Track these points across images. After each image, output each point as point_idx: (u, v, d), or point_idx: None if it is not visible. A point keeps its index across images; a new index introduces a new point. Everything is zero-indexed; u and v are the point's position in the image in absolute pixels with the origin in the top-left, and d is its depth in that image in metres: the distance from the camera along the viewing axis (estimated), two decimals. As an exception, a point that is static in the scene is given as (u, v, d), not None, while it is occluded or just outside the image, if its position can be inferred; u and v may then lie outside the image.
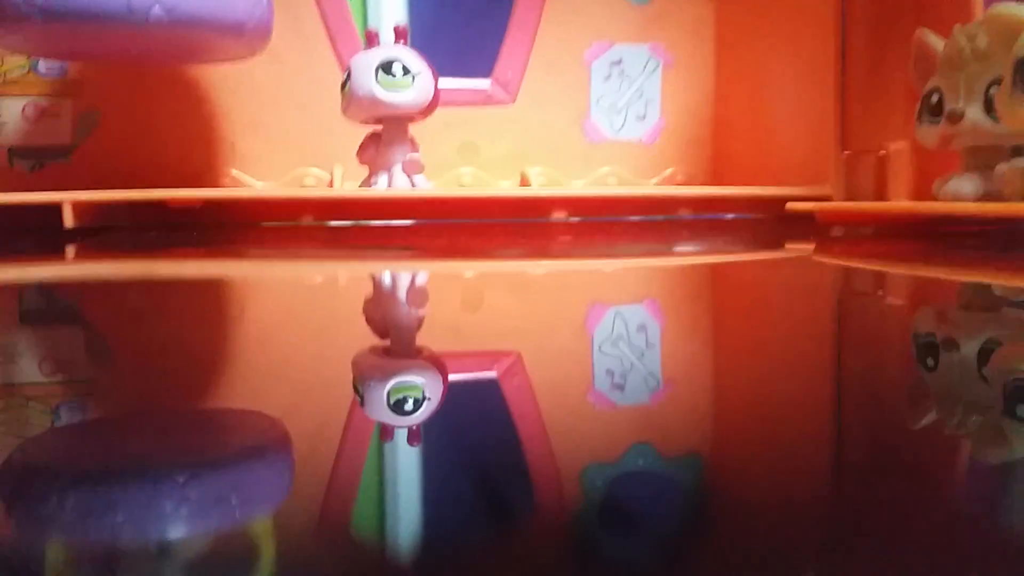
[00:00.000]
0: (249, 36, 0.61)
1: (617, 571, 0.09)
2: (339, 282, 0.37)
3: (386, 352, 0.21)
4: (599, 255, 0.49)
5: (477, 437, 0.14)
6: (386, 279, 0.37)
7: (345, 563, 0.09)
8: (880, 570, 0.09)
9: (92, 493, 0.11)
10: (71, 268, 0.38)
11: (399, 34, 0.66)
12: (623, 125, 0.85)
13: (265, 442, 0.13)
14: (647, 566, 0.09)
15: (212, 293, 0.32)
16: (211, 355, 0.21)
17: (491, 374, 0.18)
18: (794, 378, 0.18)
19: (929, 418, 0.15)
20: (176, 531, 0.10)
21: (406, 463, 0.12)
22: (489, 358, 0.20)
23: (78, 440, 0.14)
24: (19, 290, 0.32)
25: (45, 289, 0.33)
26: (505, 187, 0.81)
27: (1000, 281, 0.35)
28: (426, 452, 0.13)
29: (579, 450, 0.13)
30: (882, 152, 0.70)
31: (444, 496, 0.11)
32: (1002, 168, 0.51)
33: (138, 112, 0.75)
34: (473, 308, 0.29)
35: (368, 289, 0.35)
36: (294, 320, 0.26)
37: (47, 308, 0.29)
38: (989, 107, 0.52)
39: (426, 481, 0.12)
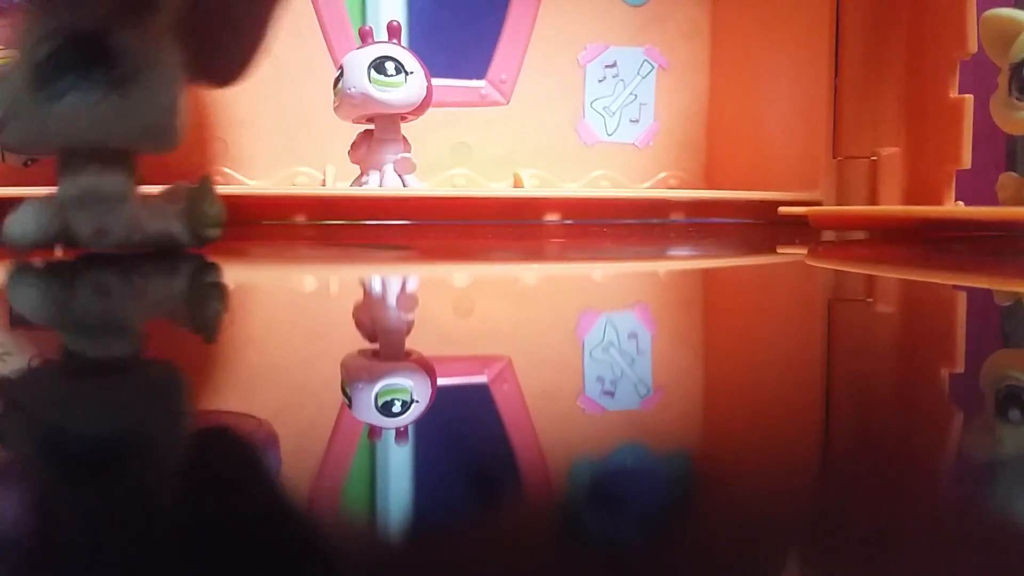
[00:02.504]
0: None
1: (603, 567, 0.09)
2: (328, 283, 0.37)
3: (375, 355, 0.20)
4: (591, 258, 0.49)
5: (463, 436, 0.14)
6: (376, 282, 0.37)
7: (332, 556, 0.09)
8: (865, 567, 0.09)
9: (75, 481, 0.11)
10: (55, 263, 0.38)
11: (393, 32, 0.66)
12: (617, 128, 0.85)
13: (253, 440, 0.13)
14: (634, 561, 0.09)
15: (199, 292, 0.32)
16: (196, 356, 0.20)
17: (480, 378, 0.18)
18: (788, 382, 0.18)
19: (921, 424, 0.14)
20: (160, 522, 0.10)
21: (393, 462, 0.12)
22: (478, 362, 0.20)
23: (59, 432, 0.13)
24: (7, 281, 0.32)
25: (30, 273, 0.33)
26: (498, 188, 0.80)
27: (995, 286, 0.35)
28: (413, 452, 0.13)
29: (568, 449, 0.13)
30: (874, 157, 0.70)
31: (429, 492, 0.11)
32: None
33: (130, 108, 0.74)
34: (463, 311, 0.29)
35: (358, 291, 0.35)
36: (281, 321, 0.26)
37: (31, 298, 0.29)
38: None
39: (413, 478, 0.12)
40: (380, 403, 0.15)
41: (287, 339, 0.23)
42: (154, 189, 0.42)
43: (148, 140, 0.36)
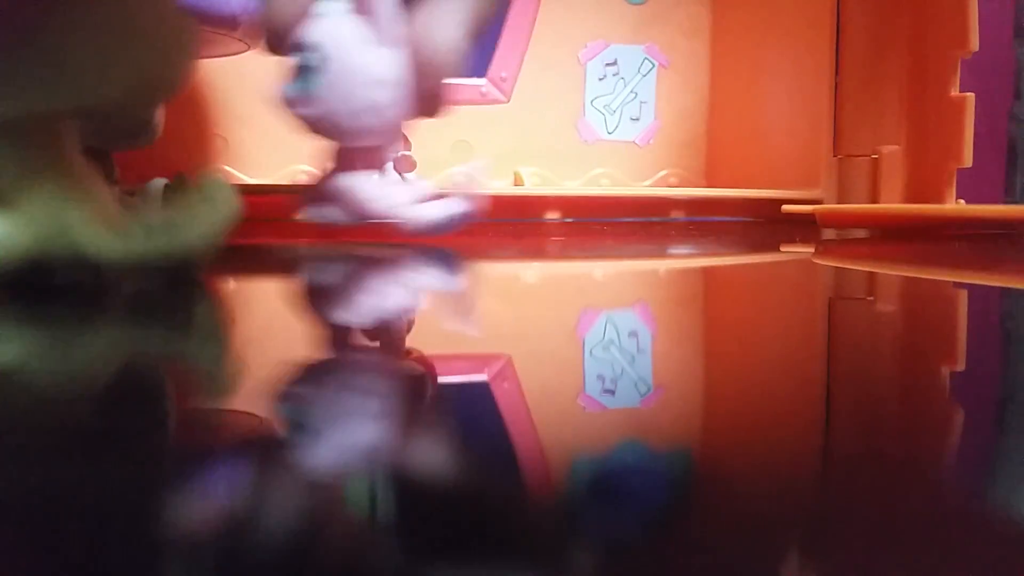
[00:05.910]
0: (243, 30, 0.61)
1: (603, 565, 0.09)
2: (328, 281, 0.37)
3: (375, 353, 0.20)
4: (592, 256, 0.49)
5: (463, 434, 0.14)
6: (375, 280, 0.37)
7: (332, 551, 0.09)
8: (866, 564, 0.09)
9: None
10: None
11: (393, 31, 0.66)
12: (617, 126, 0.85)
13: (254, 438, 0.13)
14: (634, 560, 0.09)
15: (197, 289, 0.32)
16: (196, 354, 0.20)
17: (480, 376, 0.18)
18: (795, 382, 0.18)
19: (922, 422, 0.14)
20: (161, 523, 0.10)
21: (394, 461, 0.12)
22: (478, 360, 0.20)
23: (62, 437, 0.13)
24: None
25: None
26: (498, 186, 0.80)
27: (1007, 284, 0.35)
28: (413, 451, 0.13)
29: (568, 447, 0.13)
30: (875, 155, 0.70)
31: (429, 490, 0.11)
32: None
33: (130, 106, 0.74)
34: (464, 310, 0.29)
35: (357, 290, 0.35)
36: (282, 320, 0.26)
37: (33, 295, 0.29)
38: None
39: (413, 476, 0.12)
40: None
41: (287, 337, 0.22)
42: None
43: None
